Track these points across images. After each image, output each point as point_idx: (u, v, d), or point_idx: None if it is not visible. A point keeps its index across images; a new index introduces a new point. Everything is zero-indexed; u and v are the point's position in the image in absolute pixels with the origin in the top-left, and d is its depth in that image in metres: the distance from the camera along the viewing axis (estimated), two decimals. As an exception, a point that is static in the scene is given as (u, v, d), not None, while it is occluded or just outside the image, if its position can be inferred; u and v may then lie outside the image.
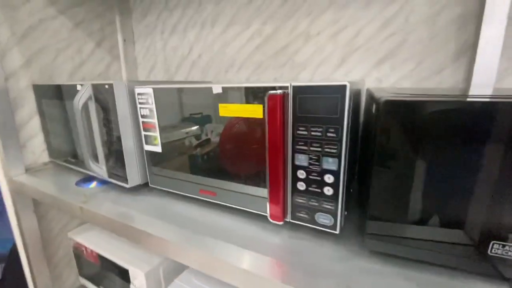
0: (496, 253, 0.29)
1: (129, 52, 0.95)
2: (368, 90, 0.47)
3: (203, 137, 0.46)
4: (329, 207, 0.37)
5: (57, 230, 0.80)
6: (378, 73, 0.60)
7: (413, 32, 0.55)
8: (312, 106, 0.35)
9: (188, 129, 0.48)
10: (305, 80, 0.69)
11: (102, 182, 0.64)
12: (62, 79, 0.79)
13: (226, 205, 0.47)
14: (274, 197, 0.39)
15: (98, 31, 0.87)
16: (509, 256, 0.29)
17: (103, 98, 0.53)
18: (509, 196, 0.27)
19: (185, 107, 0.47)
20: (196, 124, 0.46)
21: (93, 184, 0.64)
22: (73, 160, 0.69)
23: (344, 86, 0.32)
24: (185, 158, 0.50)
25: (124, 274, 0.69)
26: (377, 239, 0.34)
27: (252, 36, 0.73)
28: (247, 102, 0.40)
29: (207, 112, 0.44)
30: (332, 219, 0.37)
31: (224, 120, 0.43)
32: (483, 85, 0.49)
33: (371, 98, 0.38)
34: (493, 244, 0.29)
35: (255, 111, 0.39)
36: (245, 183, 0.44)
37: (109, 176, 0.59)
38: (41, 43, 0.73)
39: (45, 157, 0.77)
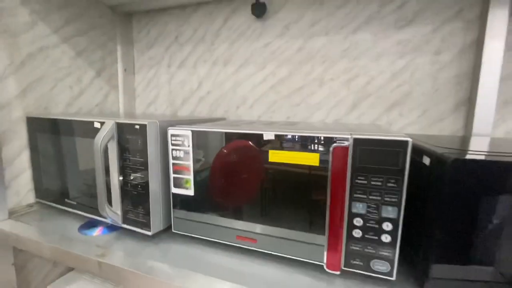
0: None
1: (129, 82, 0.92)
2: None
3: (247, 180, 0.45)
4: (386, 254, 0.38)
5: (37, 282, 0.68)
6: (387, 117, 0.67)
7: (418, 85, 0.63)
8: (373, 157, 0.37)
9: (225, 173, 0.47)
10: (318, 120, 0.73)
11: (110, 228, 0.58)
12: (58, 110, 0.72)
13: (267, 253, 0.46)
14: (333, 246, 0.39)
15: (99, 60, 0.83)
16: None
17: (129, 138, 0.50)
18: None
19: (226, 150, 0.46)
20: (238, 169, 0.45)
21: (98, 230, 0.57)
22: (71, 202, 0.61)
23: (407, 142, 0.35)
24: (219, 201, 0.48)
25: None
26: (438, 284, 0.36)
27: (266, 78, 0.76)
28: (301, 149, 0.41)
29: (251, 157, 0.44)
30: (389, 266, 0.38)
31: (272, 165, 0.43)
32: (482, 134, 0.57)
33: (418, 149, 0.42)
34: (545, 287, 0.32)
35: (311, 159, 0.40)
36: (293, 228, 0.43)
37: (124, 222, 0.53)
38: (40, 72, 0.68)
39: (30, 198, 0.67)
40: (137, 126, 0.48)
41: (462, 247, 0.34)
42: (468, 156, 0.33)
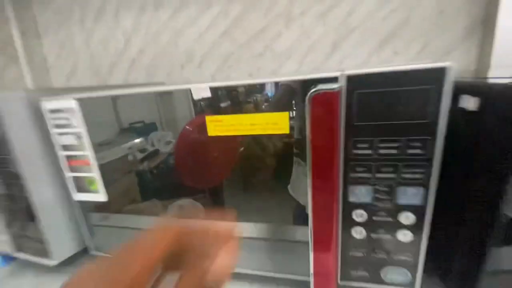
0: None
1: (33, 50, 0.67)
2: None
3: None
4: (404, 258, 0.24)
5: None
6: (378, 58, 0.50)
7: (417, 7, 0.46)
8: (381, 108, 0.21)
9: (151, 160, 0.29)
10: (290, 72, 0.55)
11: (5, 259, 0.40)
12: None
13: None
14: (322, 267, 0.24)
15: (-27, 19, 0.58)
16: None
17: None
18: None
19: (139, 125, 0.29)
20: (164, 151, 0.28)
21: (-10, 263, 0.39)
22: None
23: (443, 70, 0.19)
24: (145, 200, 0.31)
25: None
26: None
27: (215, 20, 0.56)
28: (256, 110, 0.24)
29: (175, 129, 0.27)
30: (409, 275, 0.25)
31: (213, 141, 0.26)
32: (506, 66, 0.42)
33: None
34: None
35: (277, 124, 0.23)
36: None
37: (19, 249, 0.36)
38: None
39: None
40: (-16, 102, 0.28)
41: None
42: None
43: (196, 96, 0.25)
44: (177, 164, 0.28)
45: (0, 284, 0.35)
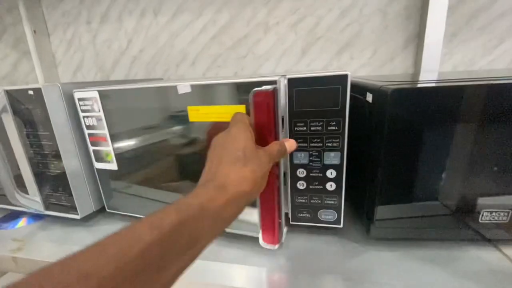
0: (485, 220, 0.32)
1: (43, 46, 0.76)
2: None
3: (171, 146, 0.39)
4: (332, 202, 0.36)
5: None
6: (338, 62, 0.62)
7: (367, 22, 0.58)
8: (310, 99, 0.32)
9: (149, 137, 0.40)
10: (268, 72, 0.66)
11: (35, 217, 0.50)
12: None
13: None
14: (266, 224, 0.33)
15: (-7, 19, 0.66)
16: (493, 221, 0.32)
17: (25, 108, 0.40)
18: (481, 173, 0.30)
19: (142, 112, 0.39)
20: (158, 130, 0.39)
21: (22, 221, 0.49)
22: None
23: (346, 76, 0.30)
24: (150, 172, 0.42)
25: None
26: (383, 226, 0.34)
27: (206, 26, 0.66)
28: (231, 101, 0.34)
29: (169, 116, 0.37)
30: (336, 214, 0.36)
31: (196, 127, 0.36)
32: (430, 70, 0.55)
33: (358, 87, 0.38)
34: (483, 213, 0.32)
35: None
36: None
37: (48, 208, 0.46)
38: None
39: None
40: (31, 92, 0.38)
41: (406, 185, 0.32)
42: (406, 86, 0.29)
43: (180, 91, 0.35)
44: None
45: (31, 235, 0.45)
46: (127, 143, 0.41)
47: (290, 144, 0.31)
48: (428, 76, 0.46)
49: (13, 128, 0.41)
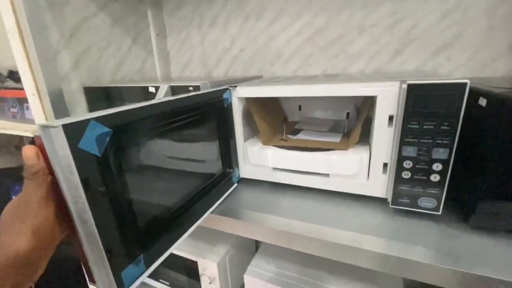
0: None
1: (162, 46, 0.94)
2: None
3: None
4: (434, 192, 0.41)
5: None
6: (433, 62, 0.64)
7: (471, 24, 0.59)
8: (428, 102, 0.38)
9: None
10: (357, 70, 0.71)
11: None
12: (106, 79, 0.77)
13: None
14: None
15: (133, 26, 0.84)
16: None
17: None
18: None
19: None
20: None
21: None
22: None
23: (465, 84, 0.35)
24: None
25: (191, 268, 0.72)
26: (484, 217, 0.39)
27: (302, 29, 0.74)
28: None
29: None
30: (436, 202, 0.42)
31: None
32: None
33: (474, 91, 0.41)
34: None
35: None
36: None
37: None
38: (86, 43, 0.71)
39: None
40: (191, 88, 0.52)
41: (507, 183, 0.36)
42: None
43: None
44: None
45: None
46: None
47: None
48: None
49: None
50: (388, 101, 0.42)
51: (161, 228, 0.37)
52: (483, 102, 0.38)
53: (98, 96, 0.68)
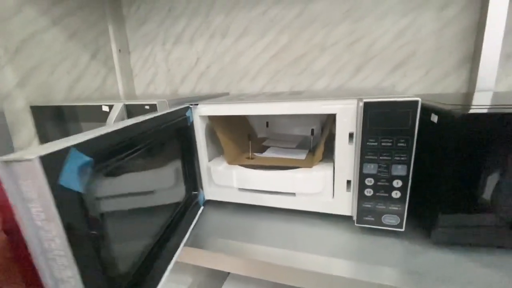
0: (544, 232, 0.36)
1: (125, 63, 0.90)
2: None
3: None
4: (396, 208, 0.41)
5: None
6: (392, 79, 0.67)
7: (422, 43, 0.62)
8: (384, 120, 0.38)
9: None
10: (323, 87, 0.73)
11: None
12: (59, 97, 0.72)
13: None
14: None
15: (91, 42, 0.80)
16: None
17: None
18: (556, 185, 0.34)
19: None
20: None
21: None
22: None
23: (417, 102, 0.36)
24: None
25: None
26: (444, 232, 0.39)
27: (267, 47, 0.74)
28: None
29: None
30: (399, 219, 0.42)
31: None
32: (485, 90, 0.58)
33: (426, 108, 0.42)
34: (543, 225, 0.36)
35: None
36: (308, 193, 0.45)
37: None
38: (36, 58, 0.66)
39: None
40: (147, 107, 0.49)
41: (466, 197, 0.37)
42: (474, 111, 0.34)
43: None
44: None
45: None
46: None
47: None
48: (485, 97, 0.49)
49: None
50: (347, 118, 0.42)
51: (142, 273, 0.33)
52: (434, 118, 0.39)
53: (47, 116, 0.62)
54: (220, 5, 0.75)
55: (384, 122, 0.38)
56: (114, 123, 0.28)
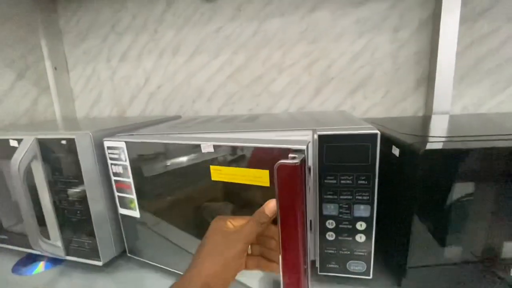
0: (517, 275, 0.32)
1: (62, 82, 0.78)
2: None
3: (194, 198, 0.38)
4: (361, 254, 0.36)
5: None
6: (351, 101, 0.64)
7: (379, 65, 0.61)
8: (341, 155, 0.33)
9: (172, 188, 0.40)
10: (282, 110, 0.68)
11: (54, 261, 0.49)
12: (-32, 125, 0.59)
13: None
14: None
15: (18, 59, 0.69)
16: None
17: (56, 156, 0.41)
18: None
19: (169, 162, 0.39)
20: (183, 185, 0.39)
21: (40, 266, 0.48)
22: (2, 236, 0.51)
23: (376, 134, 0.32)
24: (170, 221, 0.41)
25: None
26: (416, 273, 0.34)
27: (222, 66, 0.69)
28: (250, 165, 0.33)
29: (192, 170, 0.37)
30: (365, 265, 0.36)
31: (219, 185, 0.36)
32: (442, 112, 0.57)
33: (387, 139, 0.38)
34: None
35: (260, 178, 0.31)
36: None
37: (69, 253, 0.45)
38: None
39: None
40: (64, 142, 0.39)
41: (435, 235, 0.33)
42: (436, 146, 0.31)
43: (203, 150, 0.35)
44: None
45: (53, 282, 0.44)
46: (151, 192, 0.42)
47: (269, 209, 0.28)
48: (443, 123, 0.47)
49: (41, 175, 0.42)
50: (303, 152, 0.36)
51: None
52: (396, 151, 0.35)
53: None
54: (170, 21, 0.69)
55: (341, 157, 0.33)
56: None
